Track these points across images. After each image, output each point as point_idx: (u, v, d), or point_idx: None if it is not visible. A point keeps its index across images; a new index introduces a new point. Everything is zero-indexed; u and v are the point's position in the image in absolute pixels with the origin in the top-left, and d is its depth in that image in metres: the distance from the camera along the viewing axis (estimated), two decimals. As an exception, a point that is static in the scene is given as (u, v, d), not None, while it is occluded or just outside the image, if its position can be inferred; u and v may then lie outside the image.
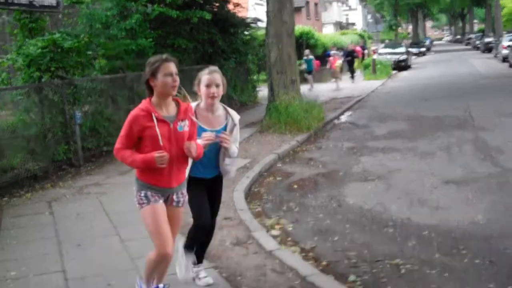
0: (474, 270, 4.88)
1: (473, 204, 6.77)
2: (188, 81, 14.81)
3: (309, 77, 24.27)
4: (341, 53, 29.10)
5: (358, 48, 32.05)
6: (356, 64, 29.91)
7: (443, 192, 7.46)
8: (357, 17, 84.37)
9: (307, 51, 25.13)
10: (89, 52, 11.97)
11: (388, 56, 35.88)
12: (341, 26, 70.88)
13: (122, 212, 7.13)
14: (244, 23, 18.10)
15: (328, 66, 27.65)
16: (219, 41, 16.10)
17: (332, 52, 27.72)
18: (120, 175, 9.32)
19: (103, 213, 7.22)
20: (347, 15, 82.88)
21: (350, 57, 28.68)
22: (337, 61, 26.14)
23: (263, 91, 19.63)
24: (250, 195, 8.07)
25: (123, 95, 12.02)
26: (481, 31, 77.87)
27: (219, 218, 6.68)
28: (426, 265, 5.05)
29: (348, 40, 39.60)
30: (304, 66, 24.20)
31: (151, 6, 13.46)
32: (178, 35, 14.60)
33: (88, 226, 6.72)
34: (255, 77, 20.61)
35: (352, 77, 28.11)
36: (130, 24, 12.60)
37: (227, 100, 17.03)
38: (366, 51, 37.19)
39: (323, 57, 29.38)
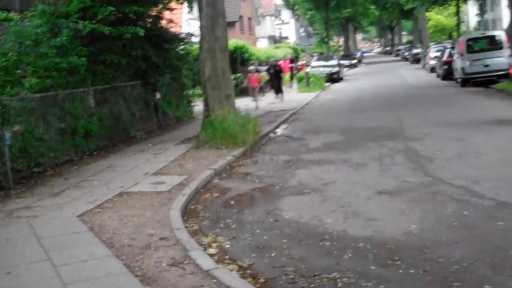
0: (409, 281, 4.97)
1: (406, 214, 6.91)
2: (122, 98, 14.70)
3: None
4: (264, 68, 27.56)
5: (282, 62, 30.10)
6: (285, 78, 28.63)
7: (377, 203, 7.59)
8: (290, 31, 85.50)
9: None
10: (18, 71, 11.62)
11: (321, 69, 36.46)
12: (274, 40, 71.64)
13: (54, 236, 6.91)
14: (177, 39, 18.01)
15: (245, 83, 24.76)
16: (153, 57, 15.95)
17: (250, 68, 24.93)
18: (52, 197, 9.06)
19: (34, 238, 6.96)
20: (280, 29, 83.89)
21: (273, 71, 26.41)
22: (261, 76, 24.36)
23: (198, 106, 19.54)
24: (187, 213, 7.97)
25: (54, 114, 11.72)
26: (410, 42, 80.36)
27: (154, 239, 6.62)
28: (362, 277, 5.10)
29: (281, 53, 40.00)
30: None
31: (82, 23, 13.20)
32: (111, 51, 14.37)
33: (19, 252, 6.47)
34: (190, 92, 20.51)
35: (277, 92, 25.78)
36: (60, 41, 12.29)
37: (162, 116, 16.91)
38: (294, 65, 36.92)
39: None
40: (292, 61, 34.01)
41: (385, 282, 4.98)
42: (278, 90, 25.69)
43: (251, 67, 24.91)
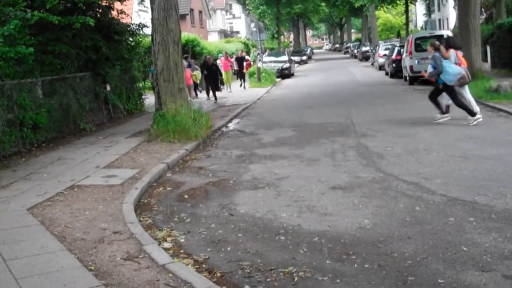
0: (364, 275, 5.03)
1: (360, 209, 7.01)
2: (71, 89, 14.40)
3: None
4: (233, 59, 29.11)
5: (223, 59, 28.49)
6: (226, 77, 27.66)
7: (330, 198, 7.67)
8: (241, 25, 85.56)
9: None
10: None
11: (272, 64, 36.66)
12: (225, 34, 71.54)
13: (3, 229, 6.73)
14: (128, 30, 17.76)
15: None
16: (103, 48, 15.68)
17: (185, 62, 21.52)
18: (0, 189, 8.82)
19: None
20: (231, 23, 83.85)
21: (240, 63, 28.95)
22: (192, 75, 22.87)
23: (149, 99, 19.37)
24: (140, 206, 7.89)
25: (1, 104, 11.39)
26: (358, 40, 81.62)
27: (108, 232, 6.52)
28: (318, 271, 5.15)
29: (233, 48, 39.96)
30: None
31: (30, 12, 12.85)
32: (60, 42, 14.05)
33: (-35, 246, 6.27)
34: (140, 85, 20.26)
35: (242, 84, 28.41)
36: (8, 30, 11.91)
37: (112, 108, 16.65)
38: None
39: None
40: (239, 59, 31.02)
41: (341, 276, 5.04)
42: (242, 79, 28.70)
43: (186, 62, 21.81)
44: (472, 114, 12.85)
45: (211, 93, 23.20)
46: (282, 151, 11.31)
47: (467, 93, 13.25)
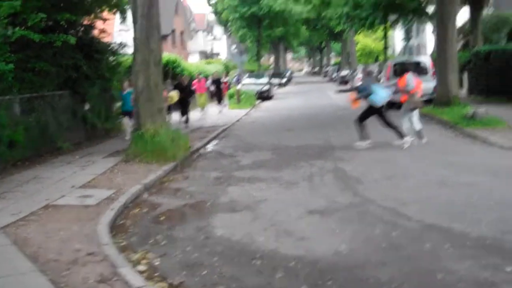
0: (339, 301, 5.02)
1: (337, 234, 7.00)
2: (49, 107, 14.25)
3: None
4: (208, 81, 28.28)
5: (196, 82, 26.23)
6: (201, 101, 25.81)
7: (308, 222, 7.66)
8: (222, 47, 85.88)
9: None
10: None
11: (252, 87, 36.77)
12: (206, 55, 71.73)
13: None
14: (109, 49, 17.73)
15: None
16: (84, 67, 15.62)
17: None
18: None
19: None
20: (212, 44, 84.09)
21: (215, 85, 28.06)
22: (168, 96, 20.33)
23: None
24: (115, 228, 7.79)
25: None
26: (338, 64, 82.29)
27: (81, 254, 6.42)
28: (294, 297, 5.13)
29: (213, 69, 40.02)
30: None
31: (11, 29, 12.78)
32: (41, 59, 13.97)
33: None
34: (120, 104, 20.14)
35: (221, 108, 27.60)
36: (-12, 47, 11.88)
37: (91, 127, 16.53)
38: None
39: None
40: (215, 81, 28.92)
41: (317, 302, 5.02)
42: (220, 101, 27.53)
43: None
44: (401, 136, 13.53)
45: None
46: (261, 174, 11.29)
47: (415, 117, 14.04)
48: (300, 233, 7.14)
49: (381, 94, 13.66)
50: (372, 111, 13.99)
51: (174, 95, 20.70)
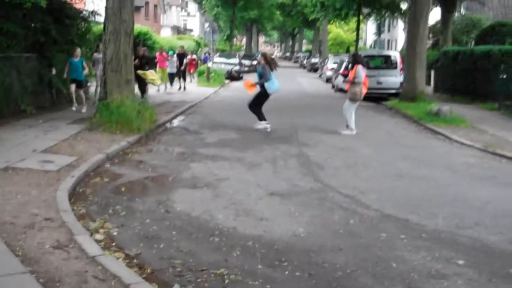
0: (294, 283, 5.09)
1: (295, 217, 7.08)
2: (15, 69, 13.96)
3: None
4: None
5: (158, 54, 25.65)
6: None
7: (267, 203, 7.72)
8: (195, 24, 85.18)
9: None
10: None
11: (222, 66, 36.65)
12: (178, 31, 71.07)
13: None
14: (80, 16, 17.43)
15: None
16: (53, 31, 15.33)
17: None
18: None
19: None
20: (185, 20, 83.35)
21: (179, 60, 26.18)
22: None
23: (94, 87, 19.01)
24: (75, 195, 7.73)
25: None
26: (309, 51, 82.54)
27: (39, 219, 6.37)
28: (249, 276, 5.18)
29: (185, 44, 39.70)
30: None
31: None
32: (9, 20, 13.66)
33: None
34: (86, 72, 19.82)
35: (182, 85, 26.27)
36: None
37: (56, 93, 16.27)
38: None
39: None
40: (179, 56, 27.09)
41: (271, 282, 5.08)
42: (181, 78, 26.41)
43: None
44: (261, 119, 14.76)
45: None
46: (225, 153, 11.30)
47: (353, 109, 14.57)
48: (259, 213, 7.20)
49: (276, 84, 14.87)
50: (264, 96, 14.90)
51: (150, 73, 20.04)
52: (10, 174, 8.35)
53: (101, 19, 16.53)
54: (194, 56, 32.22)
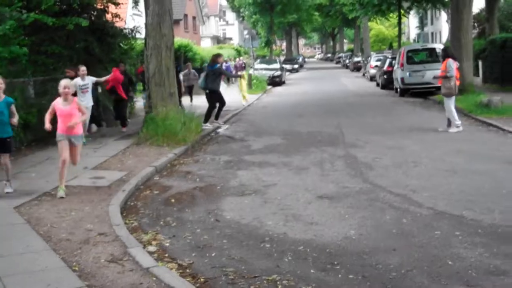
0: (348, 286, 5.03)
1: (346, 220, 7.01)
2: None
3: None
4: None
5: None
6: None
7: (317, 207, 7.67)
8: (234, 32, 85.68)
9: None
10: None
11: (264, 72, 36.71)
12: (218, 40, 71.62)
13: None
14: (122, 33, 17.73)
15: None
16: (96, 50, 15.64)
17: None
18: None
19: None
20: (224, 29, 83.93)
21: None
22: None
23: (139, 102, 19.32)
24: (126, 209, 7.86)
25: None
26: (351, 50, 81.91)
27: (93, 234, 6.49)
28: (302, 280, 5.14)
29: (225, 54, 39.94)
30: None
31: (26, 12, 12.83)
32: (54, 42, 14.03)
33: None
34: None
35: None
36: (3, 30, 11.91)
37: (102, 110, 16.55)
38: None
39: (201, 70, 28.60)
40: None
41: (325, 286, 5.03)
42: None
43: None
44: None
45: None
46: (271, 159, 11.30)
47: (452, 104, 13.85)
48: (309, 218, 7.15)
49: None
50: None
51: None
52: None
53: (141, 35, 16.78)
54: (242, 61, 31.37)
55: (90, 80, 13.51)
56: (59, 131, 8.43)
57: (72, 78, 12.45)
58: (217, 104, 16.36)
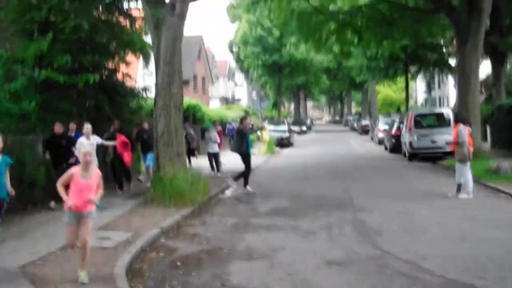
0: None
1: (355, 287, 6.85)
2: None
3: None
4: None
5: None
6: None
7: (325, 273, 7.53)
8: (243, 93, 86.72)
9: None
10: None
11: (272, 133, 36.89)
12: (227, 101, 72.39)
13: None
14: (132, 93, 17.97)
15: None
16: (106, 108, 15.81)
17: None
18: None
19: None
20: (233, 90, 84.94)
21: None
22: None
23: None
24: (132, 271, 7.73)
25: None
26: (359, 113, 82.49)
27: (97, 298, 6.36)
28: None
29: (234, 115, 40.28)
30: None
31: (38, 70, 13.05)
32: (64, 100, 14.20)
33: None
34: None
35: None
36: (15, 87, 12.12)
37: (111, 170, 16.55)
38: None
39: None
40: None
41: None
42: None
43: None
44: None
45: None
46: (278, 222, 11.20)
47: (467, 170, 13.67)
48: (317, 284, 7.02)
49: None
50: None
51: None
52: (69, 252, 8.41)
53: (151, 94, 16.96)
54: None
55: (96, 140, 12.63)
56: (69, 209, 6.90)
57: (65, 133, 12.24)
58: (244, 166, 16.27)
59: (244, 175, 16.04)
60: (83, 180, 6.95)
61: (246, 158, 16.12)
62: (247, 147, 16.17)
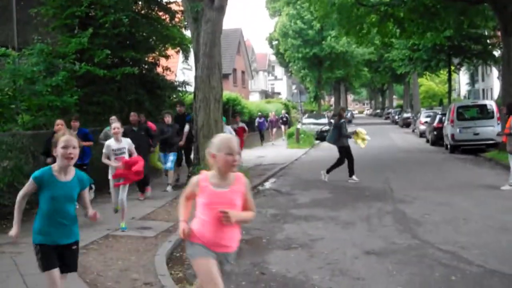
0: None
1: (393, 276, 6.86)
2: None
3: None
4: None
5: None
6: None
7: (364, 262, 7.54)
8: (282, 87, 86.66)
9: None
10: (12, 106, 11.65)
11: (312, 126, 36.80)
12: (266, 95, 72.48)
13: (37, 274, 6.75)
14: (172, 86, 18.18)
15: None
16: (146, 102, 16.05)
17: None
18: (36, 235, 8.92)
19: (17, 274, 6.83)
20: (273, 84, 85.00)
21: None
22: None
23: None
24: (172, 259, 7.90)
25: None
26: (400, 106, 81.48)
27: (138, 283, 6.53)
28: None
29: (273, 108, 40.31)
30: None
31: (78, 64, 13.33)
32: (105, 94, 14.48)
33: (0, 288, 6.35)
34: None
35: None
36: (56, 80, 12.41)
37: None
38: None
39: (250, 123, 29.14)
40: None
41: None
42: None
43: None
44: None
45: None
46: (317, 213, 11.23)
47: None
48: (355, 273, 7.04)
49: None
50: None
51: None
52: (111, 241, 8.66)
53: (191, 89, 17.15)
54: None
55: (127, 143, 9.89)
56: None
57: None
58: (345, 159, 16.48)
59: (336, 166, 16.39)
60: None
61: (342, 151, 16.35)
62: (346, 140, 16.44)
